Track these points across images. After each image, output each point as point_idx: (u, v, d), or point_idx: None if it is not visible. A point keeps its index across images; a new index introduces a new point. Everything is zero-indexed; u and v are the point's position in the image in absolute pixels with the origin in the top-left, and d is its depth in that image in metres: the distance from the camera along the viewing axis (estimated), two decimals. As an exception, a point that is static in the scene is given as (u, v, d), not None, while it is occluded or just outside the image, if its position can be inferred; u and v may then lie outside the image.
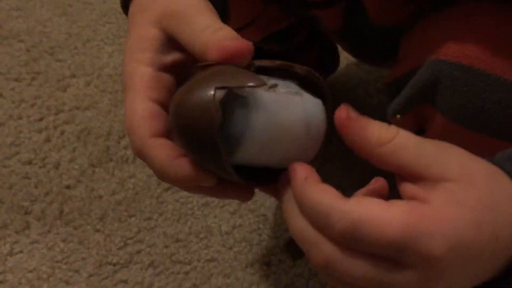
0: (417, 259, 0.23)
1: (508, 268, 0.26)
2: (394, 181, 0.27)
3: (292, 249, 0.58)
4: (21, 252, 0.56)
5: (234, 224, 0.60)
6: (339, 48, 0.67)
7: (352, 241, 0.24)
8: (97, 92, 0.72)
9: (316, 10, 0.48)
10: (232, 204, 0.62)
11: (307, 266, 0.57)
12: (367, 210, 0.24)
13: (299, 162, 0.27)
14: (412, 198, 0.25)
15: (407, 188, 0.25)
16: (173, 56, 0.30)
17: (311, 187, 0.25)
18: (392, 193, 0.27)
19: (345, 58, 0.75)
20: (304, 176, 0.26)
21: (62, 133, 0.67)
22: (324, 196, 0.25)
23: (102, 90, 0.73)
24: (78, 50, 0.77)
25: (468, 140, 0.37)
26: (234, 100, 0.26)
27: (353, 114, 0.27)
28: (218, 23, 0.28)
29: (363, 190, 0.28)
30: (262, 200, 0.62)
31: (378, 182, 0.28)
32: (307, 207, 0.25)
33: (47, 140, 0.66)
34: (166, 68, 0.29)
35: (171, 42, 0.29)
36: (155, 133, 0.28)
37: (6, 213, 0.59)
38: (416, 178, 0.25)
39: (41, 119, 0.68)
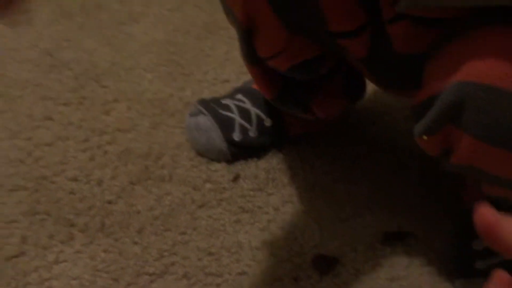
0: None
1: None
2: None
3: (319, 265, 0.61)
4: (65, 261, 0.60)
5: (264, 240, 0.63)
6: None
7: None
8: (138, 116, 0.78)
9: (343, 39, 0.52)
10: (262, 221, 0.65)
11: (333, 281, 0.59)
12: None
13: None
14: None
15: None
16: None
17: None
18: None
19: (372, 85, 0.78)
20: None
21: (105, 153, 0.72)
22: None
23: (142, 114, 0.78)
24: (121, 77, 0.83)
25: (495, 157, 0.39)
26: None
27: (497, 215, 0.24)
28: None
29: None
30: (290, 218, 0.65)
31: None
32: None
33: (91, 159, 0.71)
34: None
35: None
36: None
37: (53, 225, 0.63)
38: None
39: (86, 140, 0.73)
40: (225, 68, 0.88)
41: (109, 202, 0.66)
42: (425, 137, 0.43)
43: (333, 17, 0.49)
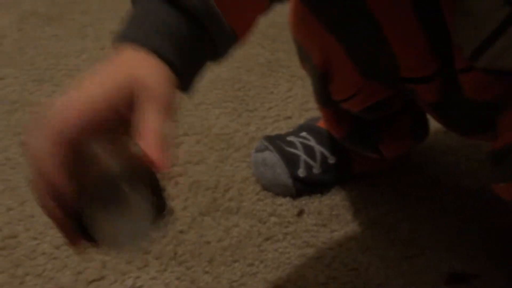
0: None
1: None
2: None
3: (384, 302, 0.62)
4: (141, 286, 0.64)
5: (328, 276, 0.65)
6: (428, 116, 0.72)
7: None
8: (206, 149, 0.82)
9: (414, 85, 0.54)
10: (327, 256, 0.67)
11: (399, 320, 0.60)
12: None
13: None
14: None
15: None
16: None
17: None
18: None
19: (433, 125, 0.80)
20: None
21: (176, 184, 0.76)
22: None
23: (210, 148, 0.82)
24: (190, 112, 0.88)
25: None
26: None
27: None
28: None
29: None
30: (354, 255, 0.67)
31: None
32: None
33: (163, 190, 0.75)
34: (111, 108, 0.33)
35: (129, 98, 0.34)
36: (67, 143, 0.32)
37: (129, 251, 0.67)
38: None
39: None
40: (287, 105, 0.92)
41: (181, 232, 0.70)
42: (502, 185, 0.45)
43: (406, 64, 0.52)
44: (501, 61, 0.41)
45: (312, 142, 0.75)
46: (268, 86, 0.96)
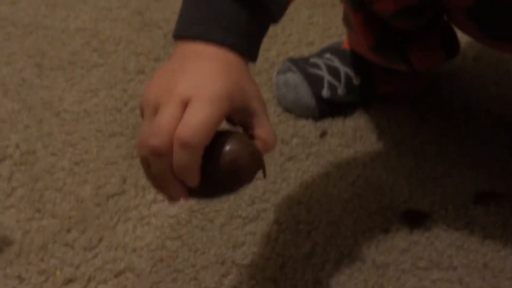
0: None
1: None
2: None
3: (410, 219, 0.61)
4: (162, 201, 0.63)
5: (353, 193, 0.64)
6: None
7: None
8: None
9: None
10: (351, 175, 0.66)
11: (424, 235, 0.59)
12: None
13: None
14: None
15: None
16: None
17: None
18: None
19: (463, 52, 0.76)
20: None
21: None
22: None
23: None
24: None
25: None
26: None
27: None
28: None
29: None
30: (379, 174, 0.66)
31: None
32: None
33: (183, 111, 0.74)
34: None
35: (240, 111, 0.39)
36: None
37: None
38: None
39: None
40: (309, 32, 0.89)
41: (202, 151, 0.68)
42: None
43: None
44: None
45: (336, 63, 0.73)
46: (288, 13, 0.93)
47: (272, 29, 0.90)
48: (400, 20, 0.59)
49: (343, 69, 0.72)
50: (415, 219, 0.61)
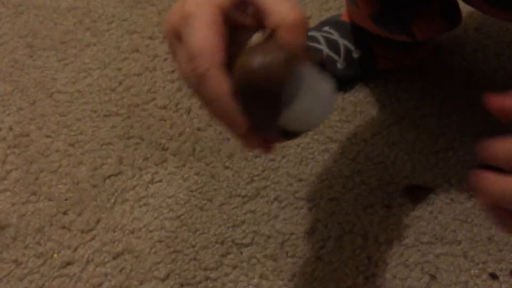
0: None
1: None
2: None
3: (412, 194, 0.60)
4: (160, 181, 0.62)
5: (353, 169, 0.62)
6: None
7: None
8: (221, 50, 0.78)
9: None
10: (351, 151, 0.64)
11: (427, 210, 0.58)
12: None
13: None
14: None
15: None
16: (239, 14, 0.33)
17: None
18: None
19: (464, 23, 0.74)
20: None
21: (192, 83, 0.73)
22: None
23: (226, 48, 0.78)
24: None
25: None
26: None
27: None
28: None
29: None
30: (380, 149, 0.64)
31: None
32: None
33: (179, 89, 0.72)
34: (227, 22, 0.32)
35: (244, 3, 0.32)
36: (222, 64, 0.31)
37: (147, 148, 0.65)
38: None
39: (173, 71, 0.74)
40: (306, 5, 0.86)
41: (199, 129, 0.67)
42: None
43: None
44: None
45: (335, 36, 0.71)
46: (285, -13, 0.90)
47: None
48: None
49: (342, 42, 0.70)
50: (418, 194, 0.60)
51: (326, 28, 0.72)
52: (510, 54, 0.76)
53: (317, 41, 0.70)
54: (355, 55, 0.70)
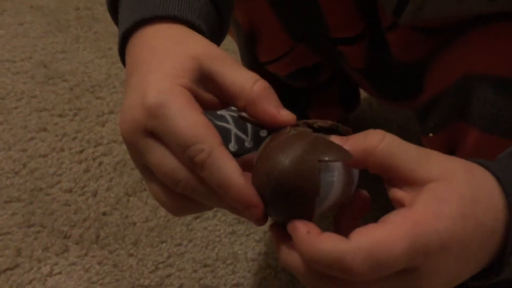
0: (421, 259, 0.26)
1: (496, 259, 0.28)
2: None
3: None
4: (60, 273, 0.59)
5: (259, 252, 0.63)
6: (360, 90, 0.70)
7: (374, 270, 0.25)
8: (133, 127, 0.77)
9: (342, 46, 0.52)
10: (258, 232, 0.65)
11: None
12: (372, 239, 0.25)
13: (299, 220, 0.27)
14: (400, 201, 0.28)
15: (395, 193, 0.28)
16: (203, 93, 0.31)
17: (317, 239, 0.26)
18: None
19: (367, 98, 0.78)
20: (306, 230, 0.26)
21: (100, 164, 0.72)
22: (331, 243, 0.25)
23: (138, 125, 0.78)
24: (117, 89, 0.84)
25: (503, 148, 0.39)
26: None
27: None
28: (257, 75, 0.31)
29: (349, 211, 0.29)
30: (287, 229, 0.65)
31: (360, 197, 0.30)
32: (317, 259, 0.25)
33: (87, 170, 0.71)
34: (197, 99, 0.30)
35: (205, 80, 0.30)
36: (222, 143, 0.28)
37: (47, 237, 0.63)
38: (403, 181, 0.27)
39: (81, 151, 0.73)
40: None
41: (104, 214, 0.66)
42: (431, 135, 0.43)
43: (334, 22, 0.50)
44: (422, 14, 0.39)
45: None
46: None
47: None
48: (296, 80, 0.59)
49: (250, 122, 0.72)
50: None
51: (234, 107, 0.73)
52: (414, 128, 0.81)
53: (225, 121, 0.72)
54: (263, 134, 0.72)
